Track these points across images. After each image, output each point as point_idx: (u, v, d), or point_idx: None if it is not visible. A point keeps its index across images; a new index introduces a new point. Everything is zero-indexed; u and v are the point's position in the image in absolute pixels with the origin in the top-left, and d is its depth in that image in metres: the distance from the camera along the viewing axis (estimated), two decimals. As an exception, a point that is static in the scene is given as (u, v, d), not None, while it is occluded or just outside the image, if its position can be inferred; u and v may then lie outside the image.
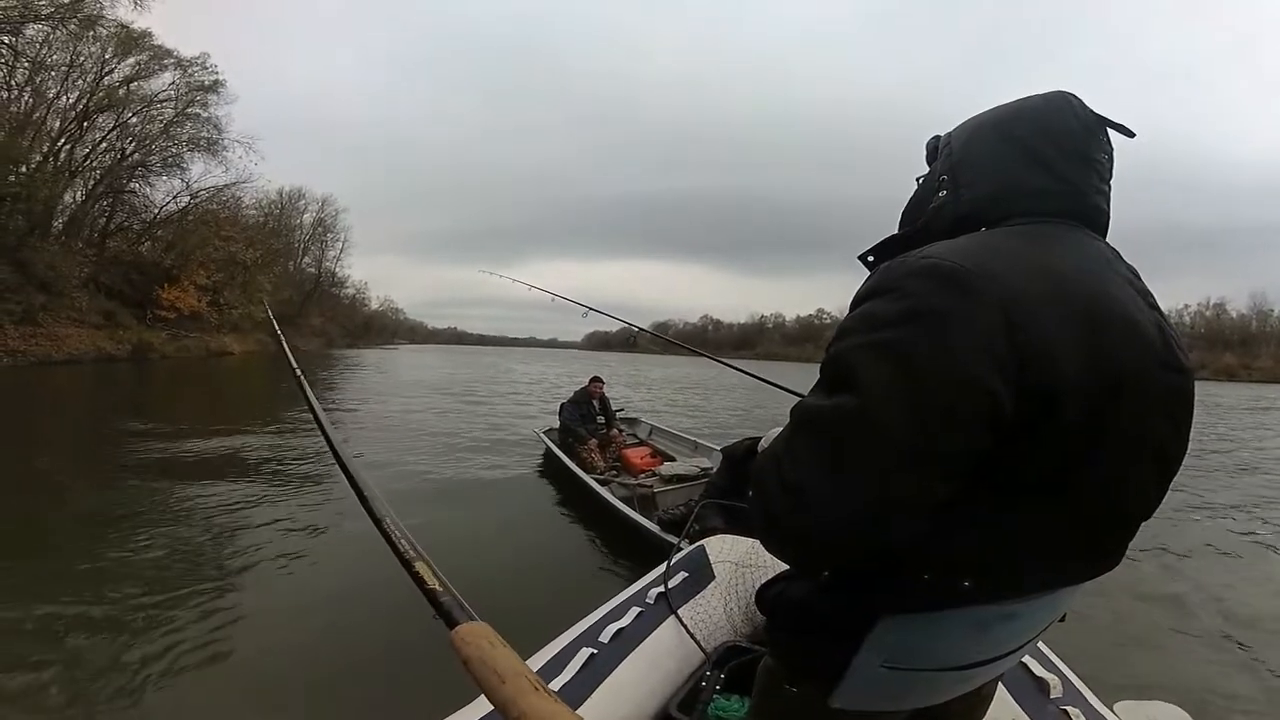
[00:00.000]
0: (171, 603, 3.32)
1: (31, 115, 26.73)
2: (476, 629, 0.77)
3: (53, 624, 3.04)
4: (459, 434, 9.95)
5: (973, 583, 0.72)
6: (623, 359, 62.13)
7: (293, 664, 2.80)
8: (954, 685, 0.85)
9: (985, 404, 0.63)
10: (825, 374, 0.72)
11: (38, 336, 21.52)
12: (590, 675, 1.49)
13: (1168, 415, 0.78)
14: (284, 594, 3.55)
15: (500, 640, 0.76)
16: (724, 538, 2.20)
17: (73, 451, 7.73)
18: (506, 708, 0.66)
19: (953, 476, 0.66)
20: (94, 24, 26.40)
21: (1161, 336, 0.76)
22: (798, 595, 0.82)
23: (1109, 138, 0.83)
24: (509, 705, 0.66)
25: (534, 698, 0.66)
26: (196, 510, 5.05)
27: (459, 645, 0.75)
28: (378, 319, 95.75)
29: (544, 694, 0.67)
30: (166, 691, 2.57)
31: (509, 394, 18.51)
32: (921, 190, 0.93)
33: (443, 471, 7.20)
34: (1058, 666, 1.64)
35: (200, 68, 32.38)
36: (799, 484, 0.67)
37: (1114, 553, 0.82)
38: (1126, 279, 0.79)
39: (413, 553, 0.97)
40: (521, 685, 0.67)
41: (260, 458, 7.22)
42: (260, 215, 43.89)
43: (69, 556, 3.89)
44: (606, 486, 5.26)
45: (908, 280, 0.68)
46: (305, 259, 59.89)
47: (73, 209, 29.88)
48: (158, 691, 2.57)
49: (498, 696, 0.68)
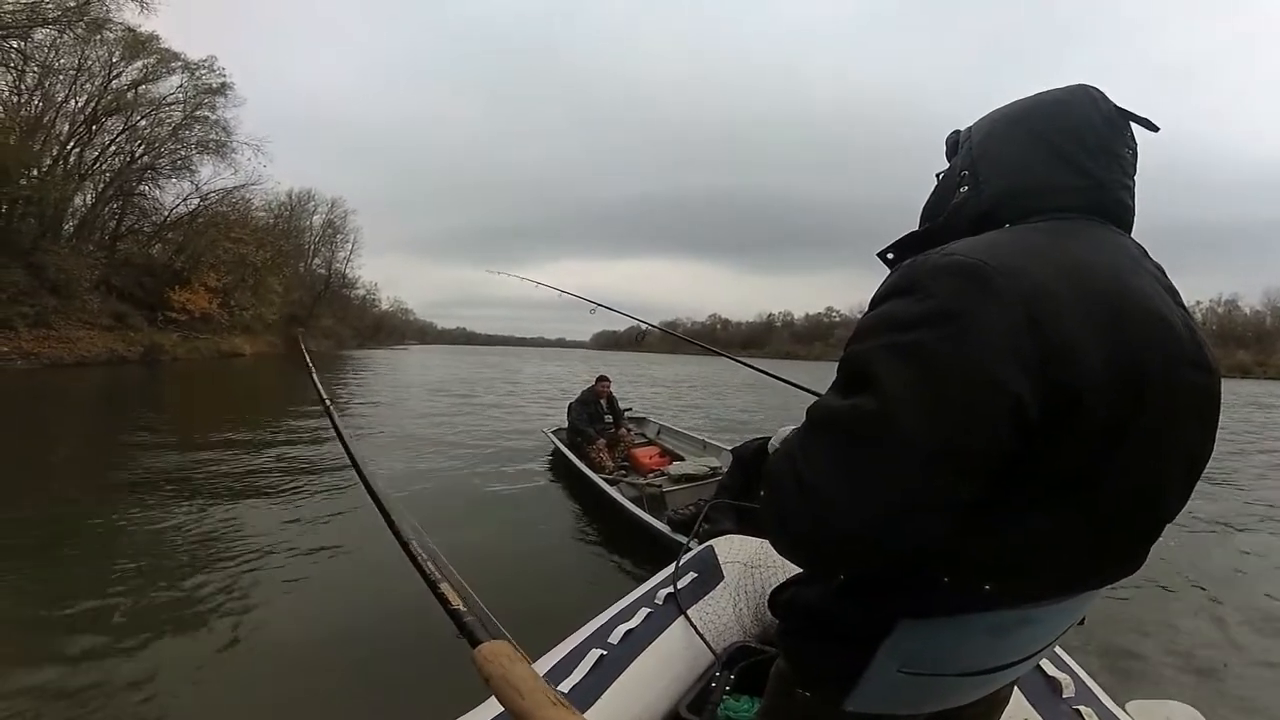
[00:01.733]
0: (185, 610, 3.35)
1: (41, 119, 26.98)
2: (498, 648, 0.80)
3: (71, 622, 3.08)
4: (467, 433, 10.00)
5: (994, 586, 0.71)
6: (630, 358, 62.18)
7: (308, 667, 2.82)
8: (971, 690, 0.83)
9: (1009, 406, 0.62)
10: (843, 374, 0.71)
11: (50, 339, 21.72)
12: (600, 676, 1.49)
13: (1195, 415, 0.76)
14: (299, 598, 3.57)
15: (519, 655, 0.79)
16: (732, 538, 2.19)
17: (88, 453, 7.80)
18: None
19: (974, 480, 0.64)
20: (101, 27, 26.62)
21: (1190, 334, 0.74)
22: (812, 599, 0.81)
23: (1132, 132, 0.81)
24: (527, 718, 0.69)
25: (551, 711, 0.69)
26: (213, 517, 5.08)
27: (481, 664, 0.78)
28: (388, 320, 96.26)
29: (560, 706, 0.70)
30: (181, 698, 2.59)
31: (517, 394, 18.55)
32: (942, 186, 0.91)
33: (452, 470, 7.23)
34: (1070, 666, 1.63)
35: (208, 70, 32.74)
36: (814, 485, 0.66)
37: (1136, 556, 0.80)
38: (1153, 275, 0.77)
39: (438, 574, 0.98)
40: (539, 699, 0.71)
41: (275, 461, 7.28)
42: (270, 217, 44.19)
43: (86, 556, 3.94)
44: (615, 486, 5.25)
45: (930, 279, 0.67)
46: (315, 260, 60.31)
47: (83, 212, 30.19)
48: (172, 699, 2.58)
49: (516, 709, 0.71)
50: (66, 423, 10.56)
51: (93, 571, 3.72)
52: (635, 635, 1.67)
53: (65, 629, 3.04)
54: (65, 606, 3.22)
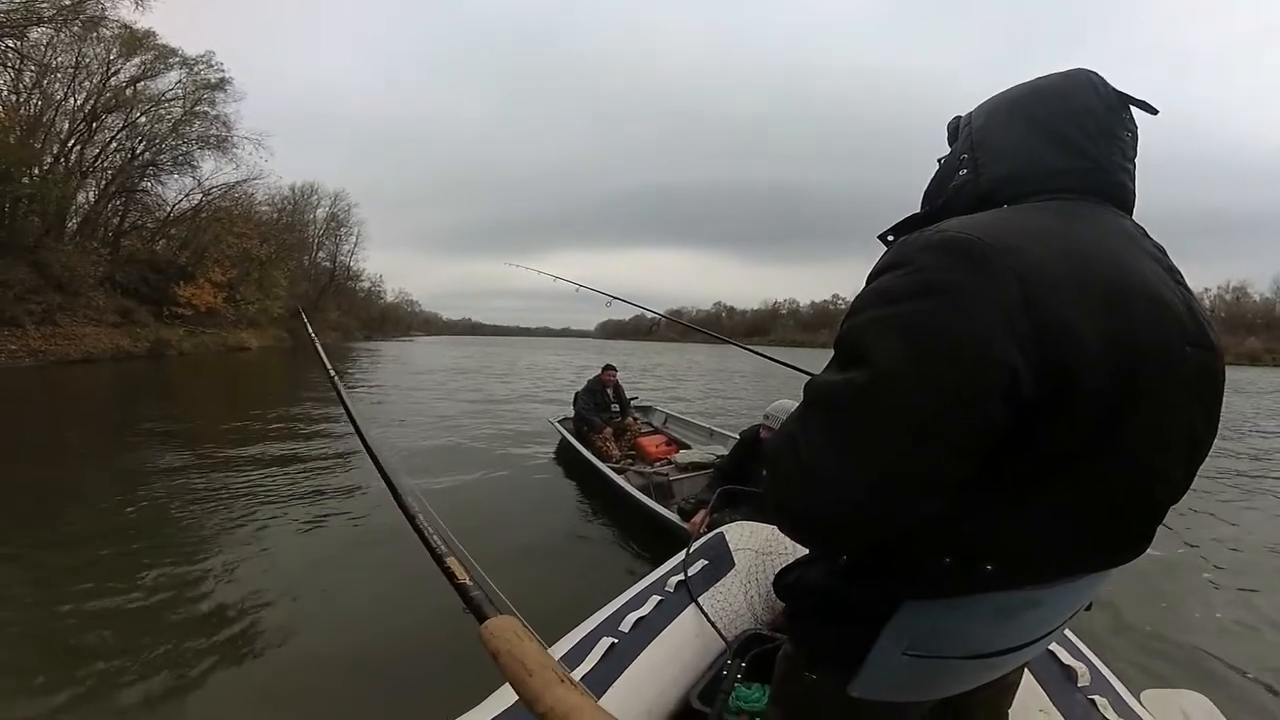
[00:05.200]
0: (193, 595, 3.37)
1: (41, 117, 26.89)
2: (505, 623, 0.78)
3: (78, 617, 3.09)
4: (474, 422, 10.00)
5: (995, 567, 0.70)
6: (636, 346, 62.16)
7: (317, 653, 2.82)
8: (979, 674, 0.83)
9: (1001, 380, 0.61)
10: (838, 350, 0.71)
11: (56, 336, 21.76)
12: (612, 665, 1.49)
13: (1196, 396, 0.75)
14: (307, 582, 3.57)
15: (528, 633, 0.77)
16: (743, 524, 2.19)
17: (99, 446, 7.82)
18: (534, 700, 0.67)
19: (968, 454, 0.64)
20: (97, 25, 26.46)
21: (1190, 313, 0.74)
22: (816, 580, 0.82)
23: (1132, 115, 0.81)
24: (536, 698, 0.67)
25: (560, 690, 0.68)
26: (222, 500, 5.12)
27: (487, 639, 0.76)
28: (393, 311, 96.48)
29: (570, 686, 0.69)
30: (189, 684, 2.59)
31: (522, 383, 18.54)
32: (943, 170, 0.92)
33: (459, 459, 7.23)
34: (1086, 655, 1.63)
35: (206, 65, 32.46)
36: (811, 462, 0.67)
37: (1140, 539, 0.80)
38: (1152, 255, 0.77)
39: (444, 548, 0.97)
40: (548, 678, 0.69)
41: (285, 448, 7.30)
42: (273, 211, 44.12)
43: (95, 549, 3.94)
44: (623, 475, 5.25)
45: (921, 254, 0.67)
46: (320, 253, 60.45)
47: (86, 209, 30.12)
48: (181, 683, 2.59)
49: (525, 689, 0.69)
50: (77, 417, 10.59)
51: (93, 563, 3.74)
52: (646, 623, 1.67)
53: (70, 622, 3.05)
54: (70, 600, 3.24)
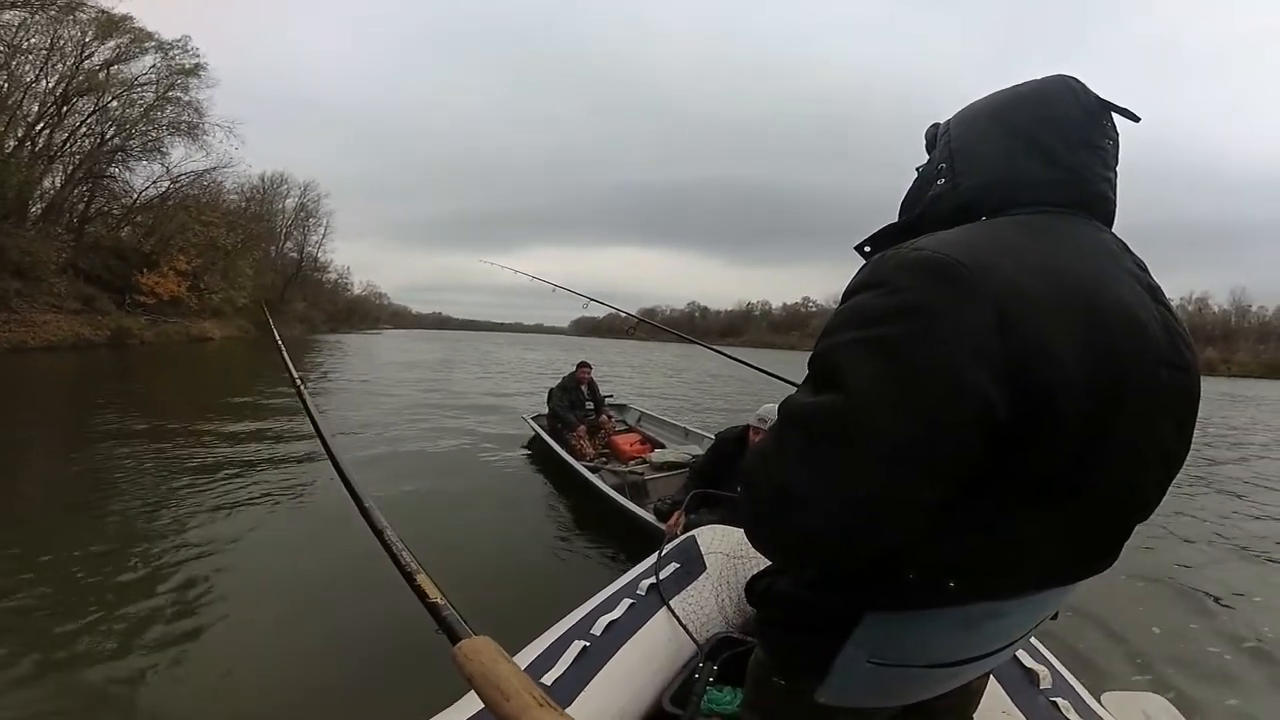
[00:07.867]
0: (157, 605, 3.25)
1: (6, 100, 26.08)
2: (479, 644, 0.77)
3: (35, 620, 3.00)
4: (441, 419, 9.89)
5: (959, 584, 0.70)
6: (607, 344, 62.12)
7: (281, 665, 2.77)
8: (942, 682, 0.84)
9: (976, 407, 0.61)
10: (813, 370, 0.70)
11: (12, 323, 21.09)
12: (583, 669, 1.48)
13: (1171, 414, 0.76)
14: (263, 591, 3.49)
15: (503, 654, 0.76)
16: (715, 528, 2.19)
17: (55, 440, 7.61)
18: None
19: (942, 480, 0.63)
20: (74, 9, 25.80)
21: (1166, 334, 0.74)
22: (785, 588, 0.82)
23: (1113, 123, 0.80)
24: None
25: (538, 713, 0.68)
26: (183, 504, 4.97)
27: (462, 662, 0.76)
28: (360, 304, 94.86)
29: (548, 708, 0.69)
30: (153, 693, 2.53)
31: (493, 379, 18.41)
32: (920, 179, 0.90)
33: (427, 457, 7.16)
34: (1047, 658, 1.65)
35: (181, 50, 31.75)
36: (783, 484, 0.66)
37: (1109, 554, 0.81)
38: (1131, 273, 0.76)
39: (414, 565, 0.96)
40: (525, 701, 0.69)
41: (246, 447, 7.12)
42: (242, 200, 43.25)
43: (54, 550, 3.82)
44: (597, 474, 5.24)
45: (897, 274, 0.66)
46: (288, 244, 59.24)
47: (51, 194, 29.26)
48: (145, 691, 2.53)
49: (502, 712, 0.69)
50: (34, 409, 10.28)
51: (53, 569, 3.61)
52: (618, 627, 1.66)
53: (29, 624, 2.96)
54: (30, 600, 3.16)
